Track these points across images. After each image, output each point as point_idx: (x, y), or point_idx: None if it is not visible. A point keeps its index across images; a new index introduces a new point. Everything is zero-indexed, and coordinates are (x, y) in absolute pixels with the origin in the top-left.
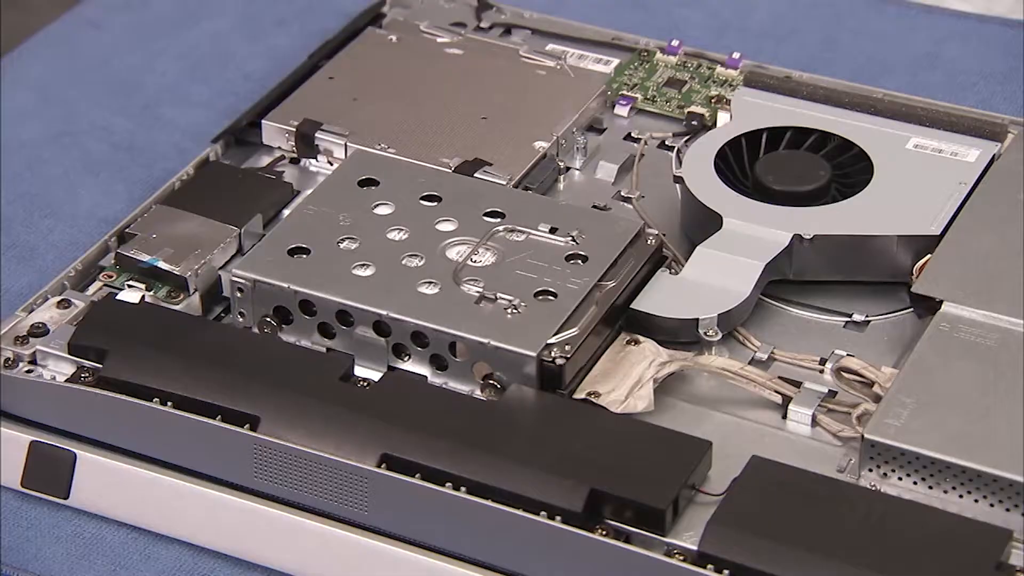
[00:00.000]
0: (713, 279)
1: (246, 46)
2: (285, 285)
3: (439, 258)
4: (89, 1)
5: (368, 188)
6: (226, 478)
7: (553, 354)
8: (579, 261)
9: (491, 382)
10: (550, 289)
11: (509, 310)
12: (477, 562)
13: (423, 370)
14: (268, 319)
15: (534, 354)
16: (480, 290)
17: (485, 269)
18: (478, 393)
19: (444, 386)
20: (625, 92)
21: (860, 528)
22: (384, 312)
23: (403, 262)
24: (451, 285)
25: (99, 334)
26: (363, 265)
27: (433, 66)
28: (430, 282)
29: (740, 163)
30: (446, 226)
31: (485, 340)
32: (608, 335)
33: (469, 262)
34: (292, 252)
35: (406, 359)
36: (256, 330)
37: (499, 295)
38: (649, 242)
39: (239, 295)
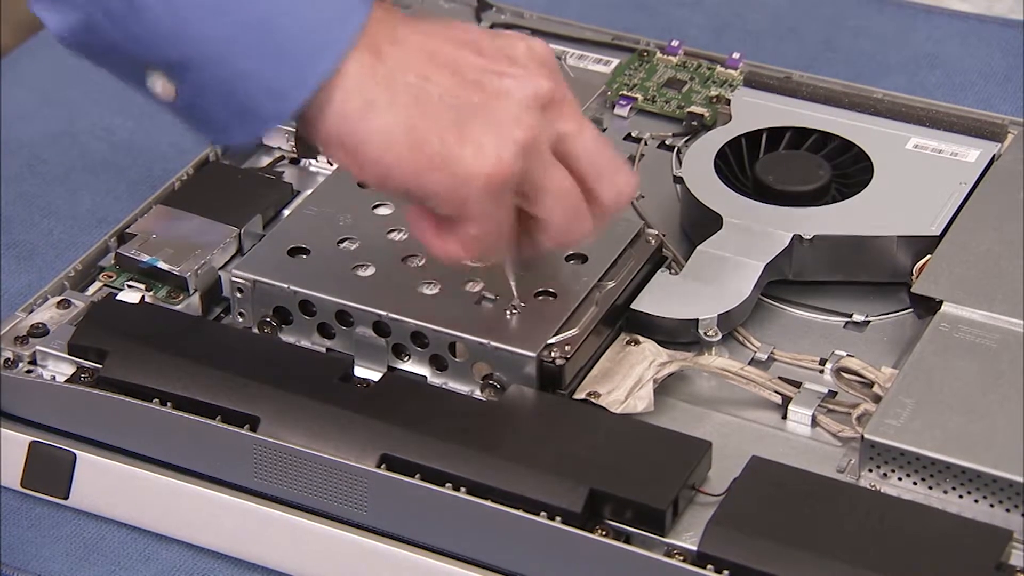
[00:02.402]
0: (713, 279)
1: None
2: (285, 285)
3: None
4: None
5: (368, 188)
6: (226, 478)
7: (553, 354)
8: (579, 261)
9: (491, 382)
10: (550, 289)
11: (509, 310)
12: (477, 562)
13: (423, 370)
14: (268, 319)
15: (534, 354)
16: (480, 290)
17: (485, 269)
18: (478, 393)
19: (444, 386)
20: (625, 92)
21: (860, 529)
22: (384, 312)
23: (403, 262)
24: (451, 285)
25: (99, 334)
26: (363, 265)
27: None
28: (430, 282)
29: (740, 163)
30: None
31: (485, 340)
32: (608, 335)
33: (469, 262)
34: (292, 252)
35: (406, 359)
36: (256, 330)
37: (499, 295)
38: (649, 242)
39: (239, 295)
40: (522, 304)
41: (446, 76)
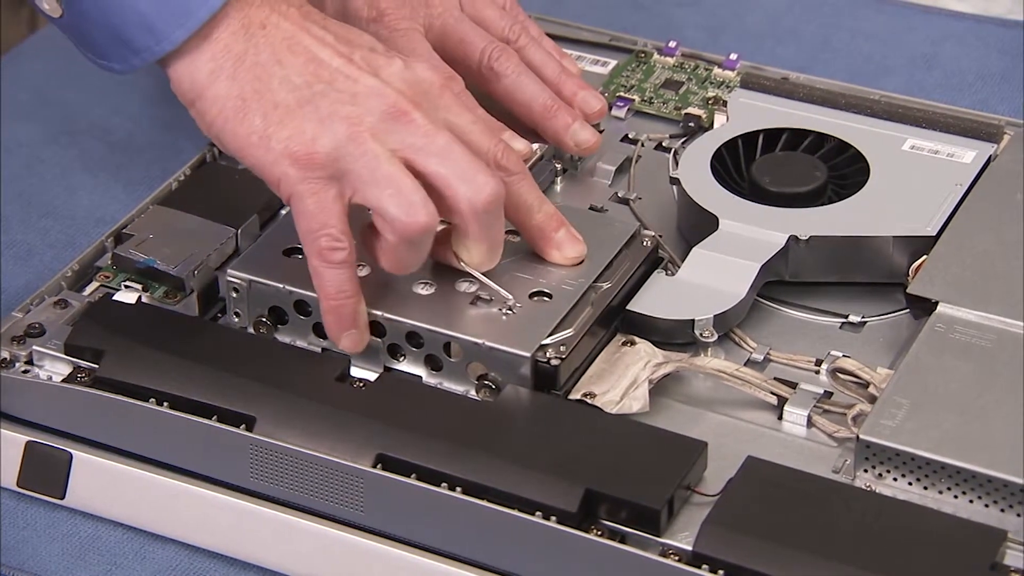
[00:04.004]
0: (709, 280)
1: None
2: (280, 285)
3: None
4: None
5: None
6: (222, 478)
7: (548, 355)
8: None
9: (486, 382)
10: (545, 290)
11: (504, 311)
12: (472, 562)
13: (418, 370)
14: (263, 319)
15: (529, 355)
16: (475, 291)
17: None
18: (473, 393)
19: (439, 386)
20: (623, 94)
21: (855, 529)
22: (379, 312)
23: None
24: (446, 285)
25: (95, 334)
26: (358, 265)
27: None
28: (425, 282)
29: (736, 165)
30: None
31: (480, 340)
32: (603, 336)
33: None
34: (288, 252)
35: (401, 359)
36: (252, 330)
37: (494, 295)
38: (645, 244)
39: (234, 295)
40: (517, 304)
41: (298, 65)
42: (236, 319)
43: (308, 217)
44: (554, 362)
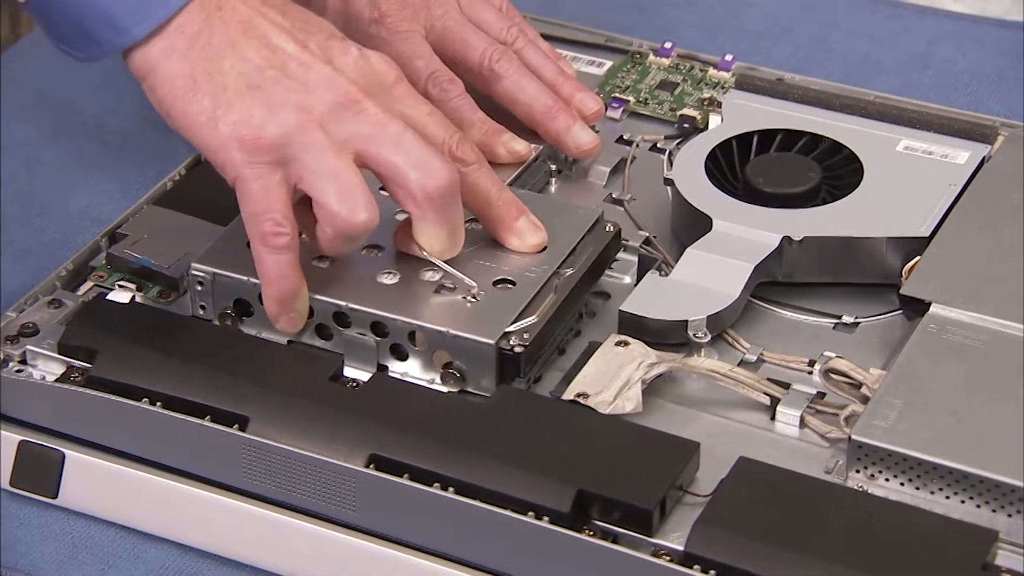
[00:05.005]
0: (703, 281)
1: None
2: (244, 278)
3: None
4: None
5: None
6: (215, 478)
7: (512, 342)
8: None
9: (451, 371)
10: (509, 278)
11: (468, 299)
12: (465, 562)
13: (384, 360)
14: (228, 311)
15: (492, 342)
16: (439, 279)
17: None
18: (438, 382)
19: (404, 376)
20: (618, 95)
21: (847, 529)
22: (343, 303)
23: (362, 252)
24: (410, 275)
25: (89, 334)
26: (322, 257)
27: None
28: (389, 272)
29: (731, 166)
30: (405, 216)
31: (444, 329)
32: (568, 323)
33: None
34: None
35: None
36: (217, 323)
37: (457, 283)
38: (608, 229)
39: (199, 288)
40: (481, 292)
41: (251, 50)
42: (202, 312)
43: (252, 201)
44: (517, 349)
